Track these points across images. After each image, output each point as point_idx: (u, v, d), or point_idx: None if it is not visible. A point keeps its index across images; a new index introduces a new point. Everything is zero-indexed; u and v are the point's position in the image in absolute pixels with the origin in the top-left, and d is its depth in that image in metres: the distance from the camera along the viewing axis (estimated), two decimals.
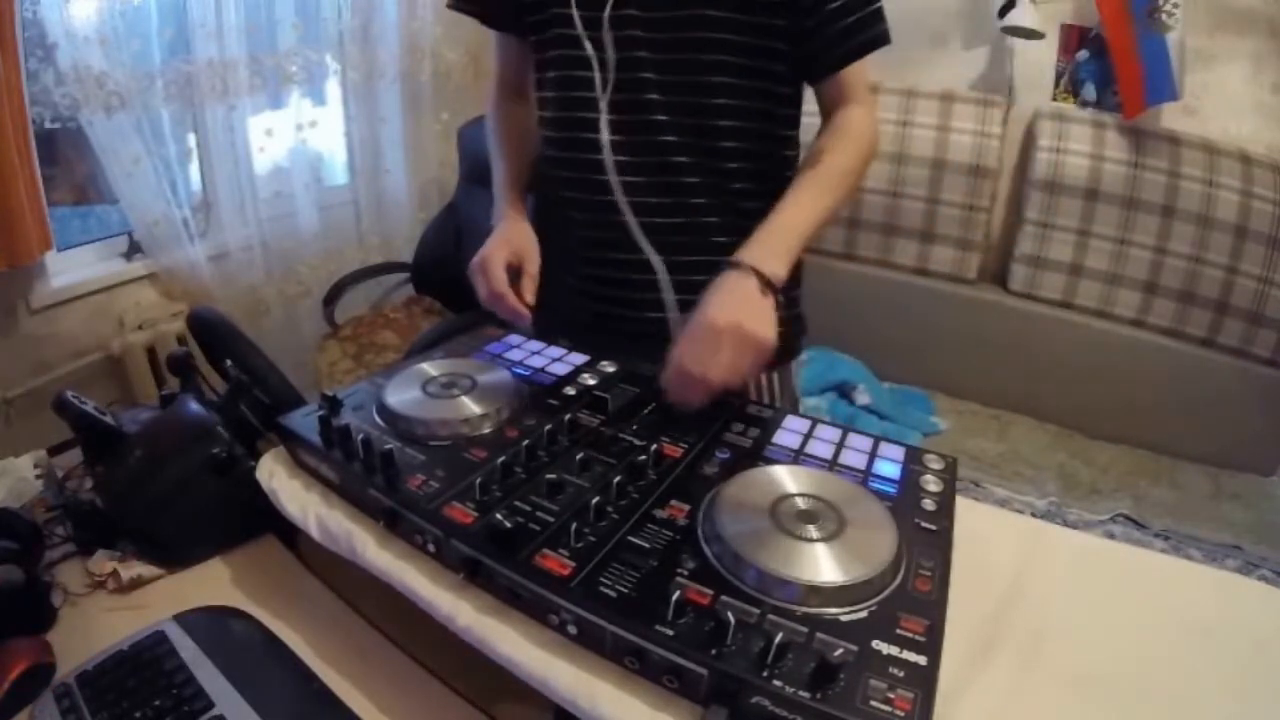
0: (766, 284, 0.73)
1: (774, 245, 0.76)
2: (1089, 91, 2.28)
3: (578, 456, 0.65)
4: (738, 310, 0.70)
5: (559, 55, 0.88)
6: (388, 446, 0.63)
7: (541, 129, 0.95)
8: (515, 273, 0.86)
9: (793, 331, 0.99)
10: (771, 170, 0.89)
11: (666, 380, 0.73)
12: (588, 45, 0.84)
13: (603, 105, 0.85)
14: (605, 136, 0.86)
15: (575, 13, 0.84)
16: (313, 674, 0.61)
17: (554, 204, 0.97)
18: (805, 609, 0.50)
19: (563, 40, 0.86)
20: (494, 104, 1.03)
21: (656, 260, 0.90)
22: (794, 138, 0.91)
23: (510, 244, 0.88)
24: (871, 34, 0.81)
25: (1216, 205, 2.13)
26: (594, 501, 0.57)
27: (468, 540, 0.56)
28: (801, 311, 1.01)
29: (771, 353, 0.71)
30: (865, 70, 0.84)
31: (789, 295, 0.96)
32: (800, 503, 0.58)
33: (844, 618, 0.49)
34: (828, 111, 0.86)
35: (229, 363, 0.87)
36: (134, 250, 1.94)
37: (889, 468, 0.67)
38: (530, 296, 0.85)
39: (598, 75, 0.85)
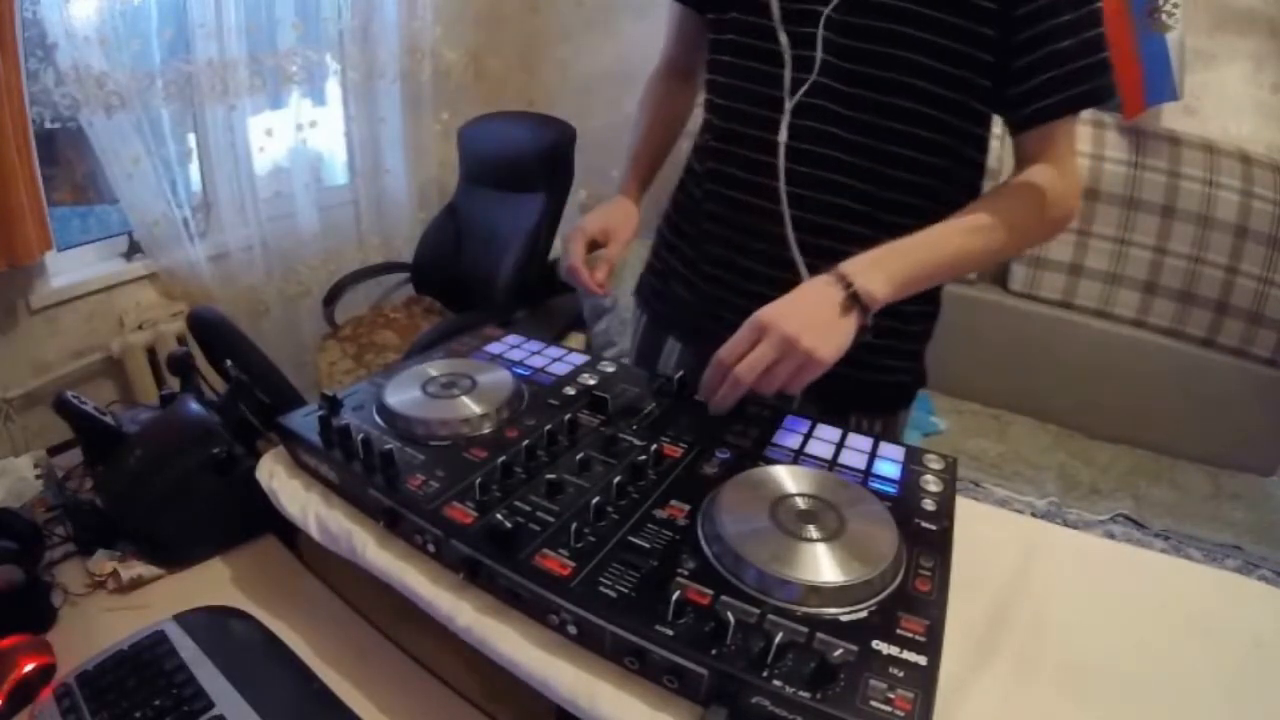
0: (854, 300, 0.66)
1: (886, 263, 0.68)
2: None
3: (578, 456, 0.64)
4: (802, 318, 0.65)
5: (737, 42, 0.81)
6: (388, 446, 0.63)
7: (707, 111, 0.90)
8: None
9: (910, 381, 0.94)
10: (943, 211, 0.76)
11: (706, 374, 0.69)
12: (783, 38, 0.76)
13: (788, 106, 0.78)
14: (783, 138, 0.78)
15: (773, 3, 0.76)
16: (313, 674, 0.61)
17: (700, 188, 0.91)
18: (805, 609, 0.50)
19: (746, 28, 0.79)
20: (655, 77, 1.00)
21: (806, 275, 0.81)
22: (974, 185, 0.83)
23: (605, 221, 0.88)
24: (1090, 87, 0.70)
25: (1216, 205, 2.13)
26: (594, 501, 0.57)
27: (468, 540, 0.56)
28: (923, 363, 0.94)
29: (822, 371, 0.65)
30: (1072, 126, 0.74)
31: (910, 341, 0.91)
32: (800, 503, 0.58)
33: (844, 618, 0.49)
34: (1020, 165, 0.77)
35: (229, 363, 0.87)
36: (134, 250, 1.94)
37: (889, 468, 0.67)
38: (601, 275, 0.86)
39: (788, 73, 0.77)
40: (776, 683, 0.44)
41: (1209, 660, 0.58)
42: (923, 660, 0.46)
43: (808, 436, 0.72)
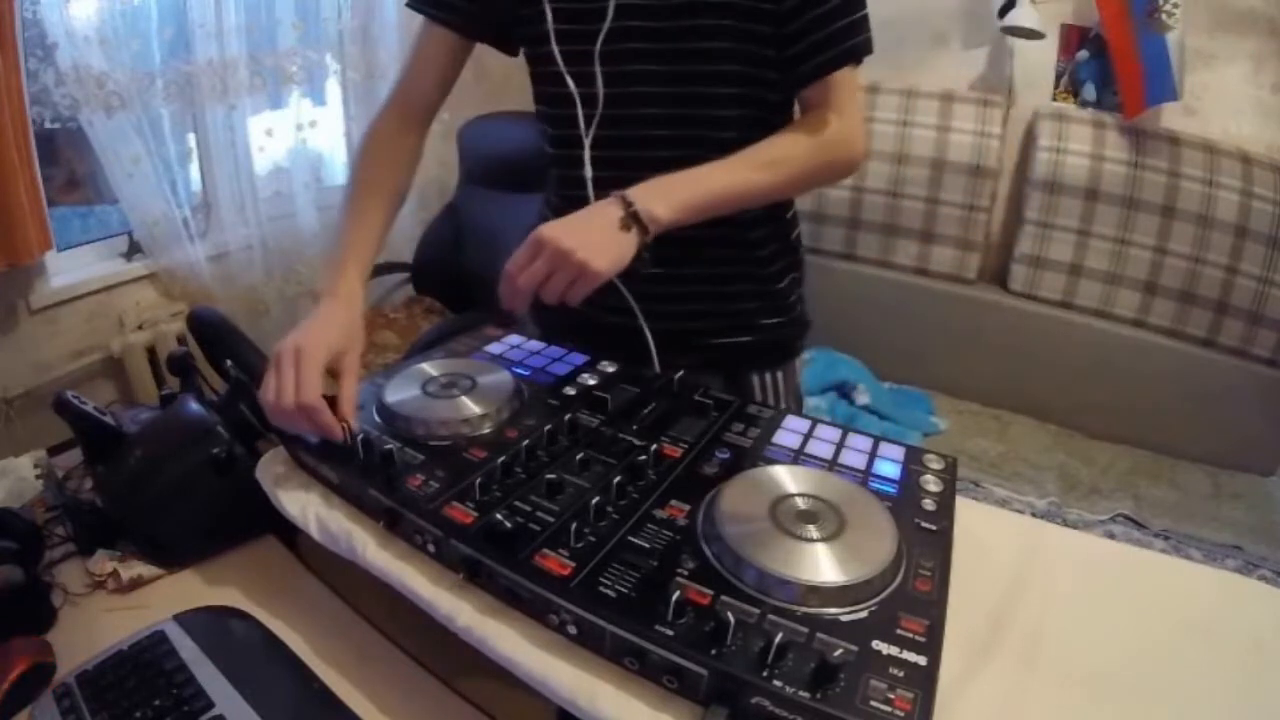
0: (634, 218, 0.70)
1: (669, 189, 0.72)
2: (1089, 91, 2.28)
3: (578, 456, 0.65)
4: (578, 234, 0.68)
5: (544, 74, 0.85)
6: (388, 446, 0.63)
7: (542, 137, 0.93)
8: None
9: (793, 332, 0.99)
10: None
11: (499, 286, 0.71)
12: (570, 81, 0.81)
13: (586, 143, 0.83)
14: (588, 172, 0.83)
15: (555, 48, 0.80)
16: (313, 674, 0.61)
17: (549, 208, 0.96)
18: (805, 609, 0.50)
19: (545, 61, 0.83)
20: (379, 128, 0.88)
21: (642, 319, 0.86)
22: None
23: (338, 338, 0.71)
24: (850, 44, 0.78)
25: (1216, 205, 2.13)
26: (594, 501, 0.57)
27: (468, 540, 0.56)
28: (804, 312, 1.00)
29: (599, 282, 0.68)
30: (848, 81, 0.80)
31: (787, 293, 0.96)
32: (800, 503, 0.58)
33: (844, 618, 0.49)
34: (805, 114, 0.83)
35: (229, 363, 0.87)
36: (134, 250, 1.94)
37: (889, 468, 0.67)
38: (349, 412, 0.68)
39: (581, 112, 0.82)
40: (776, 683, 0.44)
41: (1209, 660, 0.58)
42: (923, 660, 0.46)
43: (808, 436, 0.72)
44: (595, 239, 0.69)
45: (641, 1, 0.78)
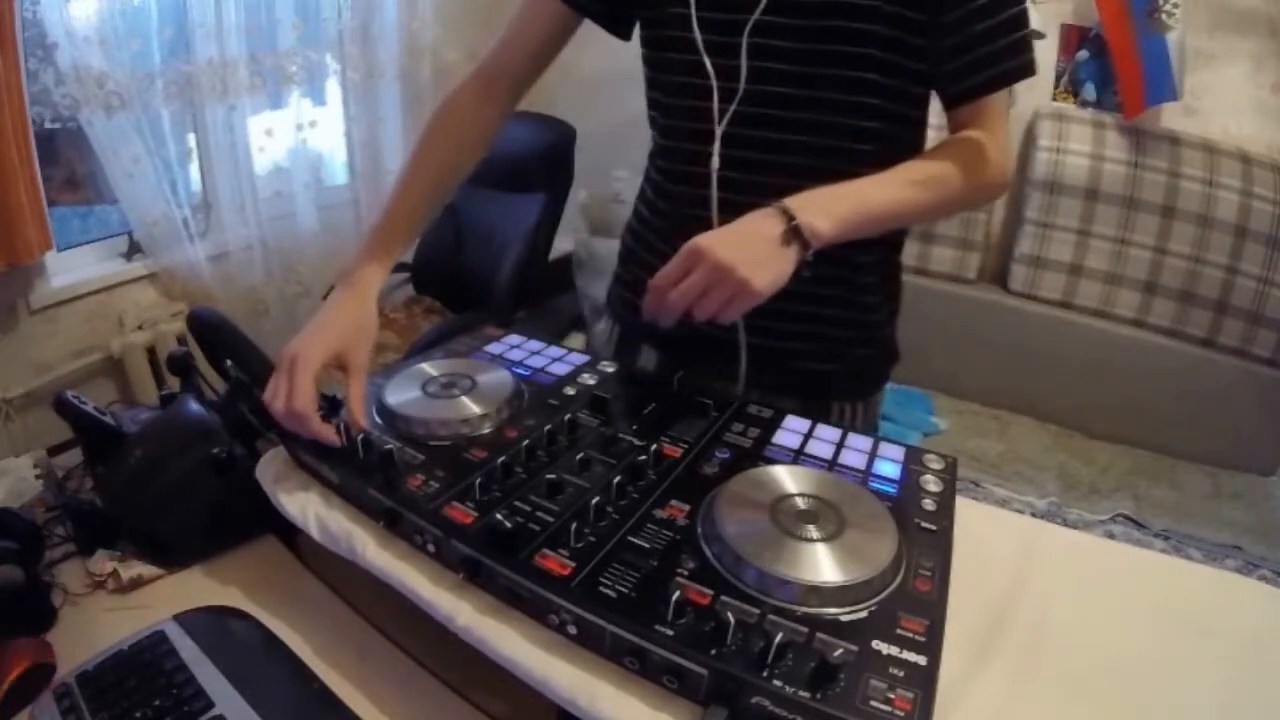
0: (795, 233, 0.65)
1: (830, 202, 0.68)
2: (1089, 91, 2.28)
3: (578, 456, 0.64)
4: (738, 247, 0.64)
5: (674, 60, 0.80)
6: (388, 446, 0.63)
7: (651, 125, 0.88)
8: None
9: (882, 363, 0.94)
10: None
11: (645, 299, 0.68)
12: (708, 62, 0.76)
13: (718, 133, 0.78)
14: (715, 165, 0.79)
15: (696, 33, 0.75)
16: (313, 674, 0.61)
17: (653, 201, 0.90)
18: (805, 609, 0.50)
19: (678, 45, 0.78)
20: (454, 98, 0.84)
21: (741, 332, 0.84)
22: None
23: (338, 340, 0.69)
24: (1014, 64, 0.73)
25: (1216, 205, 2.13)
26: (594, 501, 0.57)
27: (468, 540, 0.56)
28: (895, 343, 0.94)
29: (758, 301, 0.64)
30: (1001, 102, 0.76)
31: (883, 324, 0.91)
32: (800, 503, 0.58)
33: (844, 618, 0.49)
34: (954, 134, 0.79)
35: (229, 363, 0.87)
36: (134, 250, 1.94)
37: (889, 468, 0.67)
38: (358, 414, 0.67)
39: (716, 98, 0.77)
40: (776, 683, 0.44)
41: (1208, 659, 0.58)
42: (923, 660, 0.46)
43: (808, 436, 0.72)
44: (757, 254, 0.64)
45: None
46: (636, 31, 0.87)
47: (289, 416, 0.65)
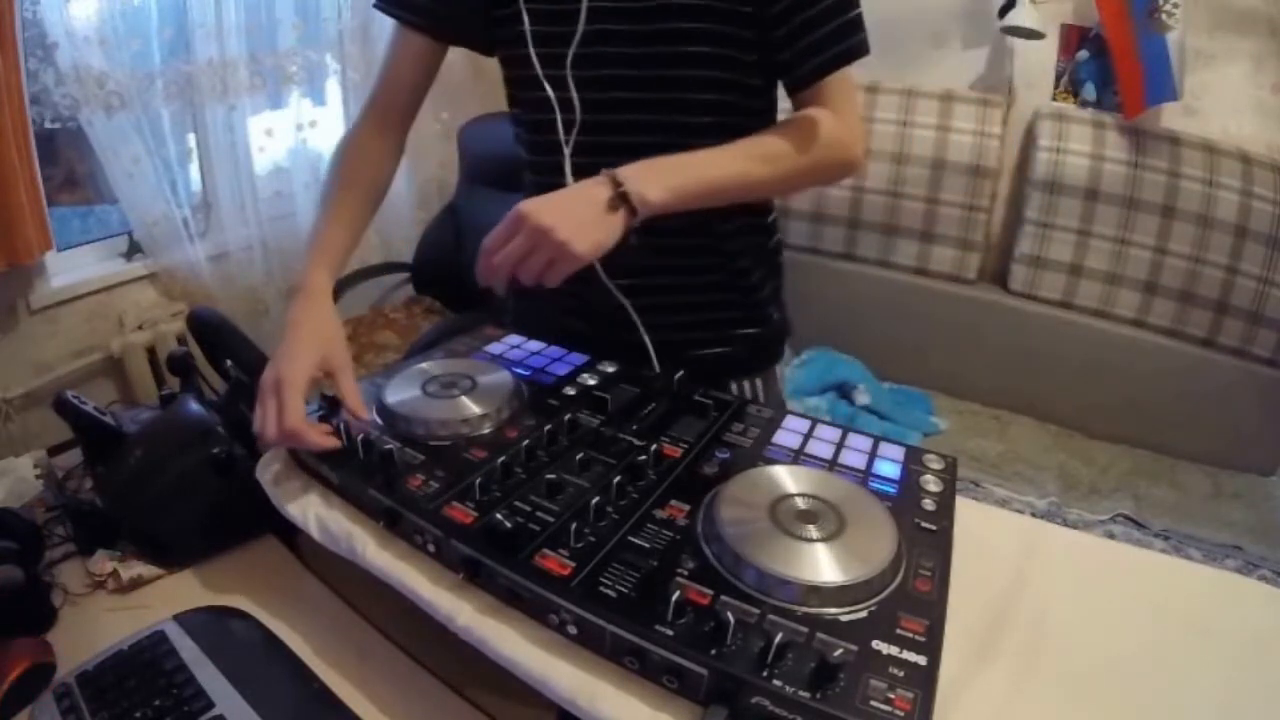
0: (622, 200, 0.66)
1: (662, 171, 0.69)
2: (1089, 91, 2.28)
3: (578, 456, 0.64)
4: (561, 212, 0.65)
5: (520, 81, 0.83)
6: (388, 446, 0.63)
7: (516, 140, 0.91)
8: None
9: (773, 340, 0.96)
10: None
11: (477, 263, 0.69)
12: (548, 87, 0.79)
13: (567, 151, 0.81)
14: (569, 181, 0.80)
15: (533, 51, 0.78)
16: (313, 674, 0.61)
17: None
18: (805, 609, 0.50)
19: (522, 77, 0.81)
20: (355, 133, 0.89)
21: (625, 301, 0.85)
22: None
23: (315, 350, 0.70)
24: (845, 46, 0.76)
25: (1216, 205, 2.13)
26: (594, 501, 0.57)
27: (468, 540, 0.56)
28: (784, 319, 0.97)
29: (579, 265, 0.65)
30: (843, 82, 0.78)
31: (766, 301, 0.93)
32: (800, 503, 0.58)
33: (844, 618, 0.49)
34: None
35: (229, 363, 0.87)
36: (134, 250, 1.94)
37: (889, 468, 0.67)
38: (357, 406, 0.70)
39: (560, 118, 0.80)
40: (776, 683, 0.44)
41: (1208, 660, 0.58)
42: (922, 660, 0.46)
43: (808, 436, 0.72)
44: (578, 218, 0.66)
45: (616, 5, 0.75)
46: None
47: (285, 437, 0.65)
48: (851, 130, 0.79)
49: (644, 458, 0.64)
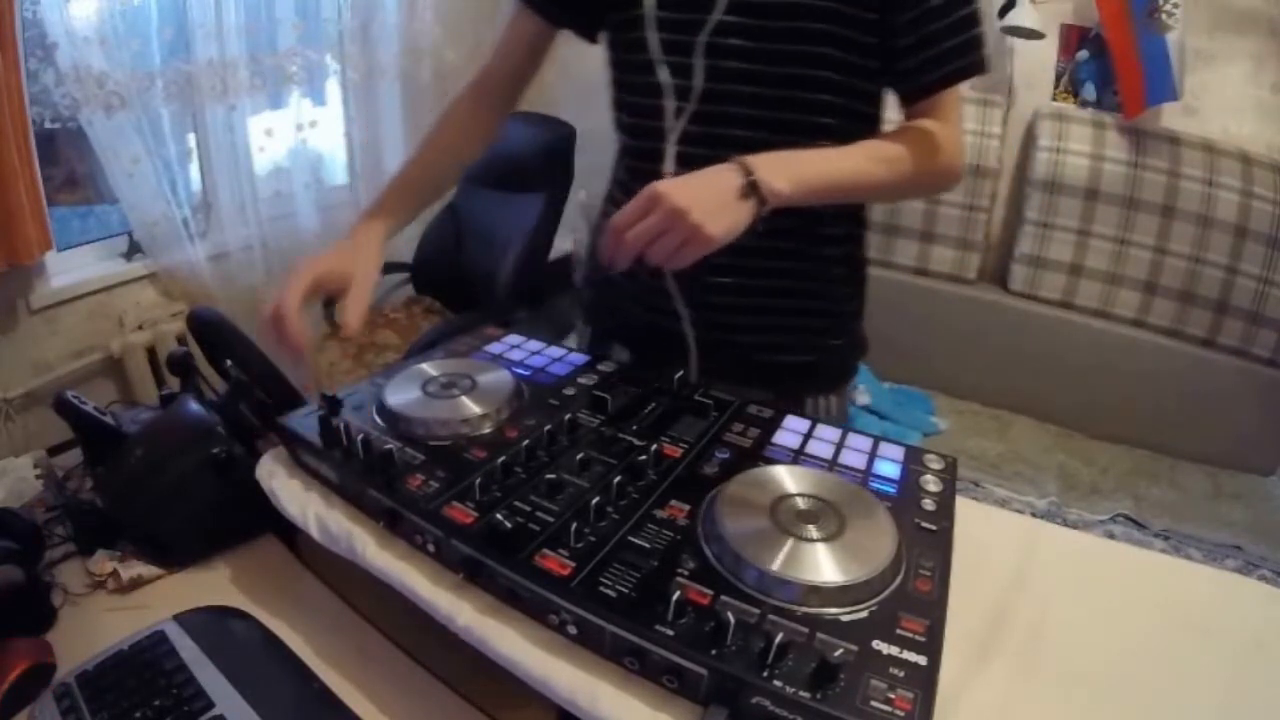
0: (752, 188, 0.67)
1: (791, 163, 0.70)
2: (1089, 91, 2.28)
3: (578, 456, 0.64)
4: (695, 194, 0.65)
5: (632, 62, 0.82)
6: (388, 446, 0.63)
7: (616, 130, 0.90)
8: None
9: (850, 353, 0.95)
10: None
11: (604, 240, 0.69)
12: (663, 72, 0.78)
13: (672, 138, 0.80)
14: (670, 169, 0.80)
15: (651, 35, 0.78)
16: (313, 674, 0.61)
17: (623, 194, 0.90)
18: (805, 609, 0.50)
19: (636, 47, 0.80)
20: (459, 100, 0.92)
21: (688, 326, 0.86)
22: None
23: (336, 261, 0.76)
24: (968, 62, 0.75)
25: (1216, 205, 2.13)
26: (594, 501, 0.57)
27: (468, 540, 0.56)
28: (863, 333, 0.96)
29: (711, 248, 0.66)
30: (955, 96, 0.78)
31: (853, 314, 0.93)
32: (800, 503, 0.58)
33: (844, 618, 0.49)
34: None
35: (229, 363, 0.87)
36: (134, 250, 1.94)
37: (889, 468, 0.67)
38: (354, 319, 0.74)
39: (671, 104, 0.79)
40: (776, 683, 0.44)
41: (1209, 660, 0.58)
42: (923, 660, 0.46)
43: (808, 436, 0.72)
44: (714, 202, 0.65)
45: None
46: None
47: (273, 318, 0.70)
48: (959, 141, 0.80)
49: (644, 458, 0.64)
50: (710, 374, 0.86)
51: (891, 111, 0.83)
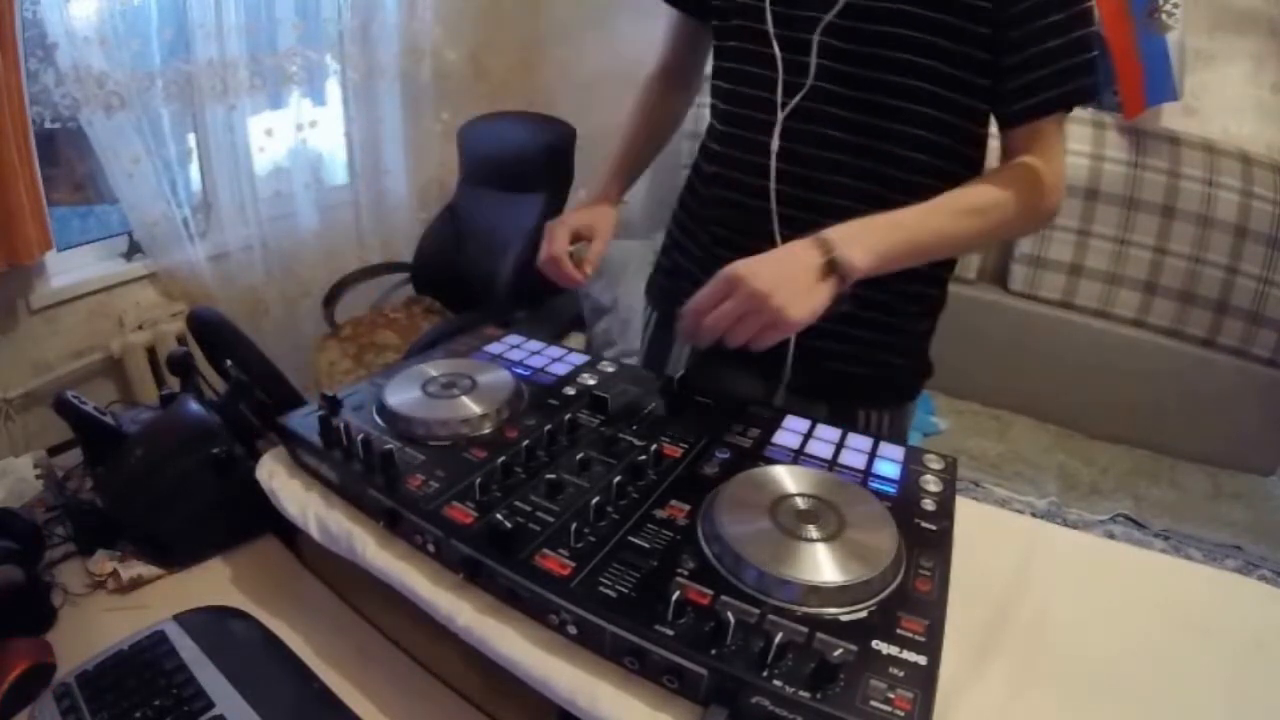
0: (832, 266, 0.65)
1: (869, 234, 0.68)
2: None
3: (578, 456, 0.65)
4: (775, 276, 0.64)
5: (742, 50, 0.82)
6: (388, 446, 0.63)
7: (711, 115, 0.91)
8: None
9: (915, 374, 0.94)
10: None
11: (680, 322, 0.69)
12: (776, 46, 0.78)
13: (780, 114, 0.80)
14: (775, 145, 0.80)
15: (769, 10, 0.77)
16: (313, 674, 0.61)
17: (705, 190, 0.93)
18: (805, 609, 0.50)
19: (748, 35, 0.80)
20: (649, 79, 0.98)
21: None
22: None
23: (588, 218, 0.88)
24: (1077, 86, 0.72)
25: (1216, 205, 2.13)
26: (594, 501, 0.57)
27: (468, 540, 0.56)
28: (927, 353, 0.94)
29: (793, 331, 0.65)
30: (1058, 124, 0.75)
31: (913, 336, 0.91)
32: (800, 503, 0.58)
33: (844, 618, 0.49)
34: (1008, 159, 0.77)
35: (229, 363, 0.87)
36: (134, 250, 1.94)
37: (889, 468, 0.67)
38: (589, 268, 0.85)
39: (782, 80, 0.78)
40: (776, 683, 0.44)
41: (1209, 660, 0.58)
42: (923, 660, 0.46)
43: (808, 436, 0.72)
44: (794, 284, 0.64)
45: (867, 2, 0.73)
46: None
47: (547, 260, 0.84)
48: (1056, 175, 0.76)
49: (644, 458, 0.64)
50: (790, 380, 0.86)
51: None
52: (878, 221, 0.69)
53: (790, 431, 0.72)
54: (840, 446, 0.70)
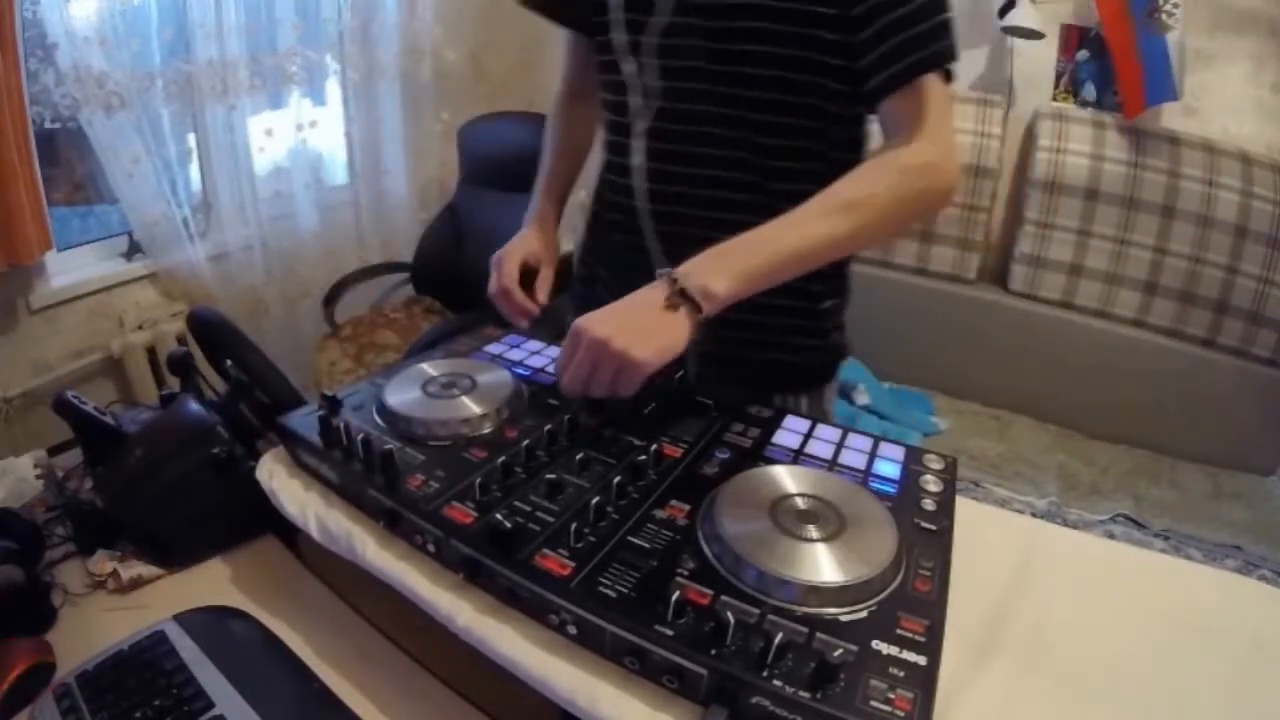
0: (683, 297, 0.64)
1: (726, 259, 0.67)
2: (1089, 91, 2.28)
3: (578, 456, 0.65)
4: (616, 322, 0.64)
5: (604, 62, 0.85)
6: (388, 446, 0.63)
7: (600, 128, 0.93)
8: (532, 276, 0.90)
9: (828, 357, 0.94)
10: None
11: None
12: (626, 66, 0.80)
13: (637, 130, 0.82)
14: (638, 162, 0.83)
15: (618, 23, 0.79)
16: (313, 674, 0.61)
17: (598, 204, 0.97)
18: (805, 609, 0.50)
19: (607, 47, 0.83)
20: (557, 100, 1.02)
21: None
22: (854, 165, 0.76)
23: (532, 244, 0.91)
24: (929, 51, 0.69)
25: (1216, 205, 2.13)
26: (594, 501, 0.57)
27: (468, 540, 0.56)
28: (842, 338, 0.93)
29: (646, 372, 0.64)
30: (933, 95, 0.71)
31: (828, 315, 0.91)
32: (800, 503, 0.58)
33: (844, 618, 0.49)
34: (888, 139, 0.74)
35: (229, 363, 0.87)
36: (134, 250, 1.94)
37: (889, 468, 0.67)
38: (543, 296, 0.87)
39: (634, 100, 0.81)
40: (776, 683, 0.44)
41: (1209, 660, 0.58)
42: (922, 660, 0.46)
43: (808, 436, 0.72)
44: (636, 325, 0.64)
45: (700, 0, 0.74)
46: None
47: (499, 293, 0.87)
48: (943, 151, 0.72)
49: (644, 458, 0.64)
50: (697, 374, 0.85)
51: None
52: (738, 242, 0.68)
53: (790, 431, 0.72)
54: (840, 446, 0.70)
